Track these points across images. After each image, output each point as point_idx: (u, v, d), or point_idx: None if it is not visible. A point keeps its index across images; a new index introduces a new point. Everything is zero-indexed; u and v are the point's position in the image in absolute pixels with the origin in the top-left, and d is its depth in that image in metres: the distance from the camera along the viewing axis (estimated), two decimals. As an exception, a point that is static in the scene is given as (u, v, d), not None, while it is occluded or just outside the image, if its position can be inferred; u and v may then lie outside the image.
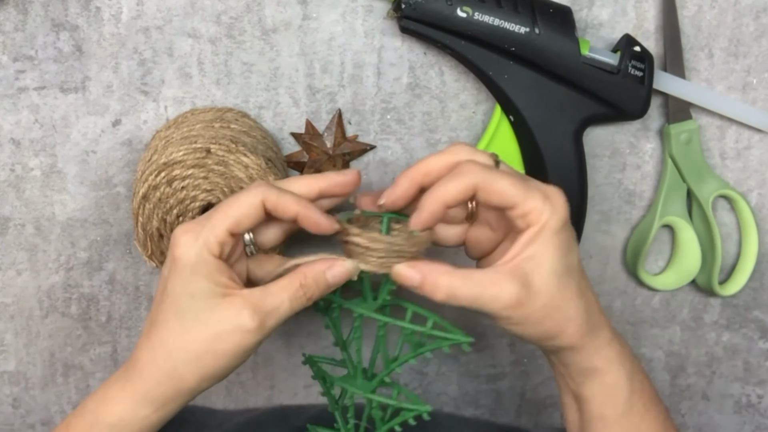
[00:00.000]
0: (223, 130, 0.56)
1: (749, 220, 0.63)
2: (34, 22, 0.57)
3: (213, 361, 0.44)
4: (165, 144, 0.55)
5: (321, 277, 0.46)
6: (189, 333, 0.44)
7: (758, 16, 0.59)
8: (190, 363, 0.44)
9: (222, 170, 0.53)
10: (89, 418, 0.47)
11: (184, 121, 0.58)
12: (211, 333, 0.44)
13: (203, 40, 0.58)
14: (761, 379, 0.68)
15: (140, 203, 0.54)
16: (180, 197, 0.54)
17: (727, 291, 0.64)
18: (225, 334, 0.44)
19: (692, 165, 0.61)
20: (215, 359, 0.44)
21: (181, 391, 0.46)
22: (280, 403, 0.68)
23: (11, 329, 0.64)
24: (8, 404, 0.67)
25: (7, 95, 0.58)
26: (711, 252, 0.63)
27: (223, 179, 0.53)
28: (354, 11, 0.58)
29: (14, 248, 0.62)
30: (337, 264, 0.46)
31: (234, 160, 0.53)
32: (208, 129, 0.55)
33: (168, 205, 0.54)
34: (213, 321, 0.44)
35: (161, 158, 0.53)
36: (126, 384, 0.46)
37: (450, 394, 0.69)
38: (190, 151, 0.53)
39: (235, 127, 0.57)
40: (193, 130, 0.56)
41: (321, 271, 0.46)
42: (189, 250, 0.44)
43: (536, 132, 0.57)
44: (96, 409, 0.47)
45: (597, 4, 0.58)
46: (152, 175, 0.53)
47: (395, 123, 0.60)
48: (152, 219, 0.54)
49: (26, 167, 0.60)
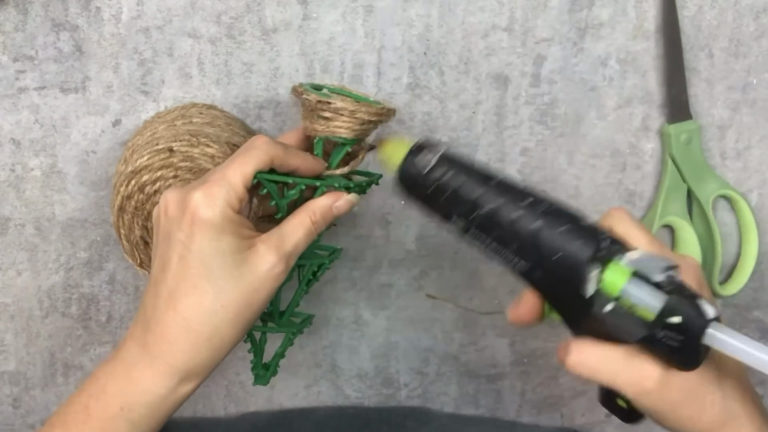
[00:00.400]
0: (185, 126, 0.55)
1: (749, 221, 0.63)
2: (34, 22, 0.57)
3: (251, 312, 0.46)
4: (131, 153, 0.55)
5: (328, 212, 0.49)
6: (225, 292, 0.45)
7: (758, 16, 0.59)
8: (229, 321, 0.45)
9: (189, 165, 0.53)
10: (117, 400, 0.45)
11: (148, 126, 0.58)
12: (247, 286, 0.45)
13: (203, 40, 0.58)
14: (761, 379, 0.68)
15: (118, 216, 0.54)
16: (155, 201, 0.54)
17: (727, 291, 0.64)
18: (259, 283, 0.45)
19: (692, 165, 0.61)
20: (253, 310, 0.46)
21: (221, 350, 0.46)
22: (280, 403, 0.68)
23: (11, 329, 0.64)
24: (8, 404, 0.67)
25: (7, 95, 0.58)
26: (711, 252, 0.63)
27: (192, 174, 0.53)
28: (354, 11, 0.58)
29: (14, 248, 0.62)
30: (342, 198, 0.49)
31: (199, 153, 0.53)
32: (170, 128, 0.55)
33: (146, 212, 0.54)
34: (247, 274, 0.45)
35: (128, 167, 0.53)
36: (154, 361, 0.45)
37: (450, 394, 0.69)
38: (153, 153, 0.53)
39: (197, 120, 0.56)
40: (156, 132, 0.55)
41: (328, 206, 0.49)
42: (213, 210, 0.44)
43: None
44: (124, 391, 0.45)
45: (597, 4, 0.58)
46: (123, 186, 0.53)
47: (395, 123, 0.60)
48: (133, 228, 0.54)
49: (26, 167, 0.60)
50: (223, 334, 0.45)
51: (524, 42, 0.59)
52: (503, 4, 0.58)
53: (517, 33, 0.59)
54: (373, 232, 0.64)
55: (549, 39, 0.59)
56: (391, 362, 0.67)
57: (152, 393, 0.45)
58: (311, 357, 0.67)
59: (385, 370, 0.67)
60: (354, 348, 0.67)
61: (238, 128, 0.57)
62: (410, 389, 0.68)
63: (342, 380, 0.68)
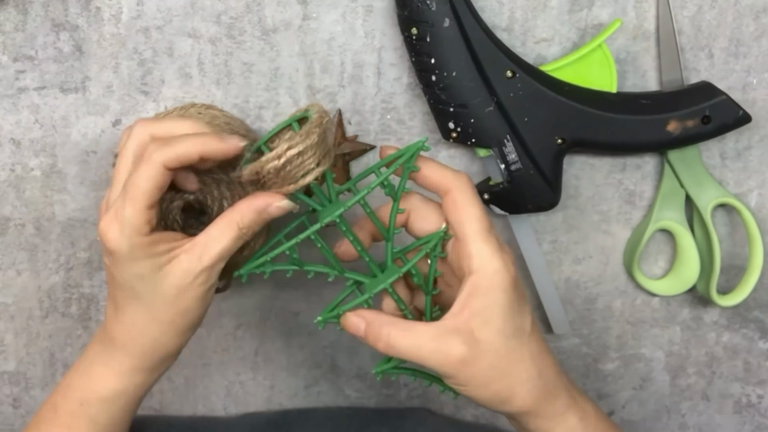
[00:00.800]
0: None
1: (754, 233, 0.61)
2: (34, 22, 0.57)
3: (183, 318, 0.46)
4: None
5: (258, 218, 0.46)
6: (154, 308, 0.46)
7: (758, 16, 0.59)
8: (166, 330, 0.46)
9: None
10: (76, 396, 0.48)
11: None
12: (171, 297, 0.45)
13: (203, 40, 0.58)
14: (761, 379, 0.68)
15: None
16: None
17: (727, 302, 0.63)
18: (183, 292, 0.45)
19: (690, 169, 0.60)
20: (185, 316, 0.46)
21: (169, 353, 0.48)
22: (280, 403, 0.68)
23: (11, 329, 0.64)
24: (8, 404, 0.67)
25: (7, 95, 0.58)
26: (709, 261, 0.62)
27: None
28: (354, 11, 0.58)
29: (14, 248, 0.62)
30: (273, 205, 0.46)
31: None
32: None
33: None
34: (169, 287, 0.45)
35: None
36: (109, 360, 0.48)
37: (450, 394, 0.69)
38: None
39: None
40: None
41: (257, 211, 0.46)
42: (120, 242, 0.44)
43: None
44: (82, 387, 0.48)
45: (597, 4, 0.58)
46: None
47: (395, 123, 0.60)
48: None
49: (26, 167, 0.60)
50: (163, 341, 0.47)
51: (524, 42, 0.59)
52: (503, 4, 0.58)
53: (517, 33, 0.59)
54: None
55: (549, 39, 0.59)
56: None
57: (108, 389, 0.48)
58: (311, 357, 0.67)
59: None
60: (354, 348, 0.67)
61: (237, 127, 0.57)
62: (410, 389, 0.68)
63: (342, 380, 0.68)
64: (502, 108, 0.56)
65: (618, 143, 0.58)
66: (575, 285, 0.65)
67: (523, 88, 0.56)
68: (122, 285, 0.46)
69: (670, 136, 0.57)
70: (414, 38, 0.55)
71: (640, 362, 0.68)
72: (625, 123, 0.57)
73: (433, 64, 0.55)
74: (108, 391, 0.48)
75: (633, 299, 0.66)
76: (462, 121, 0.56)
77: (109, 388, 0.48)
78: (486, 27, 0.56)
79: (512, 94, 0.56)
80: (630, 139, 0.57)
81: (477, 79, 0.55)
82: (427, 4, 0.54)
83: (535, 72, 0.57)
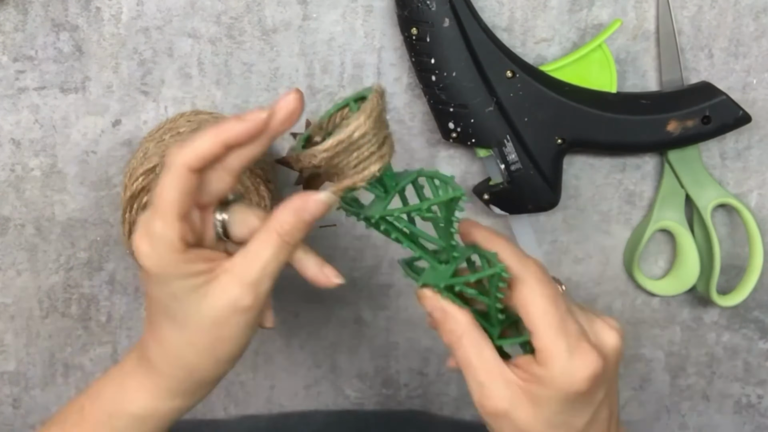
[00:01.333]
0: (173, 139, 0.55)
1: (754, 233, 0.61)
2: (34, 22, 0.57)
3: (223, 345, 0.42)
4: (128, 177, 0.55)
5: (299, 222, 0.41)
6: (188, 330, 0.42)
7: (758, 16, 0.59)
8: (201, 355, 0.42)
9: None
10: (106, 407, 0.45)
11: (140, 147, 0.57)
12: (209, 322, 0.41)
13: (203, 40, 0.58)
14: (761, 379, 0.68)
15: (129, 239, 0.54)
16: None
17: (727, 302, 0.62)
18: (224, 318, 0.41)
19: (689, 169, 0.60)
20: (225, 344, 0.42)
21: (205, 380, 0.44)
22: (279, 403, 0.68)
23: (11, 329, 0.64)
24: (8, 404, 0.67)
25: (7, 95, 0.58)
26: (709, 261, 0.62)
27: None
28: (354, 11, 0.58)
29: (14, 248, 0.62)
30: (310, 200, 0.41)
31: None
32: (159, 145, 0.55)
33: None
34: (207, 310, 0.41)
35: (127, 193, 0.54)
36: (144, 379, 0.44)
37: (450, 395, 0.69)
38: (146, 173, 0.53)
39: (184, 130, 0.56)
40: (147, 151, 0.55)
41: (297, 213, 0.41)
42: (152, 260, 0.40)
43: None
44: (114, 398, 0.45)
45: (597, 4, 0.58)
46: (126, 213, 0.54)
47: (395, 123, 0.60)
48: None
49: (26, 167, 0.60)
50: (198, 366, 0.43)
51: (524, 42, 0.59)
52: (503, 4, 0.58)
53: (517, 33, 0.59)
54: (373, 231, 0.63)
55: (549, 39, 0.59)
56: (391, 362, 0.67)
57: (139, 406, 0.44)
58: (311, 357, 0.67)
59: (385, 371, 0.67)
60: (354, 348, 0.67)
61: None
62: (410, 389, 0.68)
63: (342, 380, 0.68)
64: (502, 108, 0.56)
65: (618, 143, 0.58)
66: (575, 285, 0.65)
67: (523, 88, 0.56)
68: (156, 302, 0.42)
69: (670, 136, 0.57)
70: (414, 38, 0.55)
71: (640, 362, 0.68)
72: (625, 123, 0.57)
73: (433, 64, 0.55)
74: (140, 409, 0.44)
75: (633, 299, 0.66)
76: (462, 121, 0.56)
77: (141, 406, 0.44)
78: (486, 27, 0.56)
79: (512, 94, 0.56)
80: (630, 139, 0.57)
81: (477, 79, 0.55)
82: (427, 4, 0.54)
83: (535, 72, 0.57)
